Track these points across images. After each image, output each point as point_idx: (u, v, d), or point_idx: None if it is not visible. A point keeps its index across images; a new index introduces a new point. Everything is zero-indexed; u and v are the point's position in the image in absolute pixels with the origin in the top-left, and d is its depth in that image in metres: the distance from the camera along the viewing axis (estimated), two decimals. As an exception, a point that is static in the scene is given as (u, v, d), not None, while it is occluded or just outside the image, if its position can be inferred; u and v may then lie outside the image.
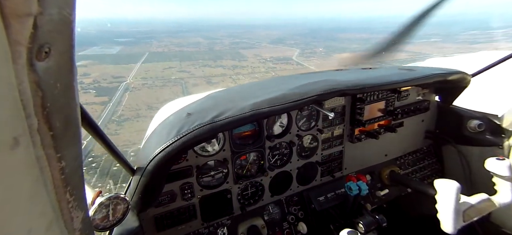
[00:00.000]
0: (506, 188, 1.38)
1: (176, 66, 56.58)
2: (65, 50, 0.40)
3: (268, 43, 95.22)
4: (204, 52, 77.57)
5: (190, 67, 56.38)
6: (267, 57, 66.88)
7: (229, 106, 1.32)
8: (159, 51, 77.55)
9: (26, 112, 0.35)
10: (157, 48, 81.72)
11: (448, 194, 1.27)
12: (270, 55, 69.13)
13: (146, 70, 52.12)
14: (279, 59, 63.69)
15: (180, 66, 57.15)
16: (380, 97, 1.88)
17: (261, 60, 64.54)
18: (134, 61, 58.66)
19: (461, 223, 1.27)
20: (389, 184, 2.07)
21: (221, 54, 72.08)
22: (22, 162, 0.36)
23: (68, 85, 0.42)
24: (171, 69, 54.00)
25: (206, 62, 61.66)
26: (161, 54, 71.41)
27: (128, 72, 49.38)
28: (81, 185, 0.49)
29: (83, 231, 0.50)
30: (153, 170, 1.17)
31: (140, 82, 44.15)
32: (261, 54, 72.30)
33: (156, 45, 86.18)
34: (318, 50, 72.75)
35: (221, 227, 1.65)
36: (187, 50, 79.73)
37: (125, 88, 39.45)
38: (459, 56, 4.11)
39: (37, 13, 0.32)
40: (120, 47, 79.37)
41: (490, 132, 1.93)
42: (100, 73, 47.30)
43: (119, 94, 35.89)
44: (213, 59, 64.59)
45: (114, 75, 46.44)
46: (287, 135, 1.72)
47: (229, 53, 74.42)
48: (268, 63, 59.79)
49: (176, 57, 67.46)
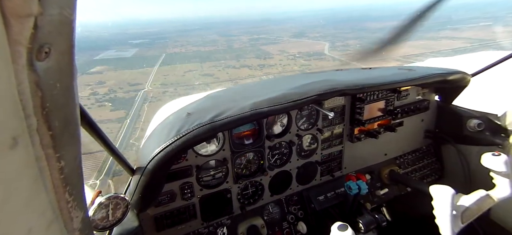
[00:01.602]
0: (504, 182, 1.37)
1: (197, 69, 50.96)
2: (65, 51, 0.39)
3: (289, 38, 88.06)
4: (223, 51, 71.17)
5: (212, 69, 50.56)
6: (295, 53, 59.82)
7: (229, 106, 1.32)
8: (176, 51, 72.27)
9: (25, 112, 0.35)
10: (173, 48, 76.36)
11: (444, 201, 1.25)
12: (298, 51, 62.09)
13: (165, 75, 46.84)
14: (309, 55, 56.72)
15: (201, 68, 51.50)
16: (380, 96, 1.87)
17: (289, 56, 57.59)
18: (150, 65, 53.71)
19: (459, 226, 1.26)
20: (388, 183, 2.07)
21: (243, 53, 65.52)
22: (21, 162, 0.36)
23: (68, 85, 0.42)
24: (192, 72, 48.47)
25: (229, 62, 55.48)
26: (178, 56, 66.01)
27: (145, 77, 44.35)
28: (81, 185, 0.49)
29: (83, 231, 0.50)
30: (153, 169, 1.17)
31: (159, 90, 38.77)
32: (286, 49, 65.18)
33: (172, 46, 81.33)
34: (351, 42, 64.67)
35: (221, 227, 1.65)
36: (205, 50, 74.16)
37: (144, 98, 34.14)
38: (459, 56, 4.17)
39: (38, 14, 0.32)
40: (135, 50, 74.86)
41: (489, 131, 1.92)
42: (116, 81, 42.60)
43: (137, 107, 30.51)
44: (236, 59, 58.32)
45: (130, 82, 41.48)
46: (287, 135, 1.71)
47: (251, 51, 67.55)
48: (299, 60, 52.96)
49: (195, 57, 61.78)
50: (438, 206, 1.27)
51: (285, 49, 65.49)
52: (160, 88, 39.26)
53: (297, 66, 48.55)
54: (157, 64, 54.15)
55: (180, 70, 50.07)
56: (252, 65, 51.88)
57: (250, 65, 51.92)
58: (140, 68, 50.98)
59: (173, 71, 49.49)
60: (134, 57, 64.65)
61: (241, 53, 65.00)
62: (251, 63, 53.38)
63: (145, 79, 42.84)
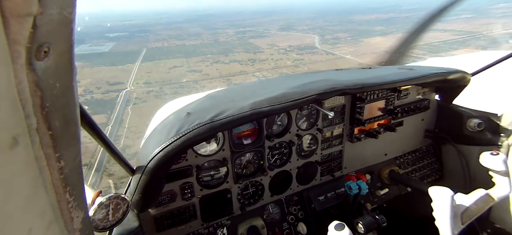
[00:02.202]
0: (503, 181, 1.37)
1: (183, 65, 47.37)
2: (65, 50, 0.39)
3: (277, 31, 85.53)
4: (209, 44, 67.71)
5: (200, 65, 47.24)
6: (285, 47, 57.70)
7: (228, 106, 1.32)
8: (158, 46, 67.26)
9: (25, 112, 0.35)
10: (155, 42, 71.19)
11: (443, 203, 1.25)
12: (288, 44, 60.03)
13: (148, 72, 42.85)
14: (301, 48, 54.88)
15: (187, 64, 48.02)
16: (380, 96, 1.86)
17: (280, 50, 55.36)
18: (131, 60, 49.13)
19: (460, 227, 1.26)
20: (388, 183, 2.07)
21: (230, 47, 62.42)
22: (21, 162, 0.36)
23: (68, 85, 0.42)
24: (178, 68, 45.00)
25: (216, 57, 52.36)
26: (161, 50, 61.43)
27: (127, 75, 40.29)
28: (81, 185, 0.49)
29: (83, 231, 0.50)
30: (153, 169, 1.17)
31: (143, 89, 35.20)
32: (276, 43, 62.87)
33: (154, 39, 75.58)
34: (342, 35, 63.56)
35: (221, 227, 1.64)
36: (189, 44, 69.61)
37: (126, 99, 30.64)
38: (459, 56, 4.25)
39: (37, 13, 0.32)
40: (112, 44, 68.82)
41: (489, 131, 1.91)
42: (93, 79, 38.29)
43: (119, 110, 27.12)
44: (223, 53, 55.22)
45: (109, 81, 37.47)
46: (287, 135, 1.70)
47: (238, 44, 64.56)
48: (291, 54, 51.11)
49: (180, 52, 57.71)
50: (437, 208, 1.26)
51: (275, 43, 62.97)
52: (144, 88, 35.62)
53: (290, 60, 46.46)
54: (138, 60, 49.76)
55: (164, 66, 46.26)
56: (242, 60, 49.21)
57: (240, 60, 49.07)
58: (119, 65, 46.48)
59: (156, 67, 45.59)
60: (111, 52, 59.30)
61: (229, 47, 61.67)
62: (241, 58, 50.51)
63: (126, 77, 38.80)
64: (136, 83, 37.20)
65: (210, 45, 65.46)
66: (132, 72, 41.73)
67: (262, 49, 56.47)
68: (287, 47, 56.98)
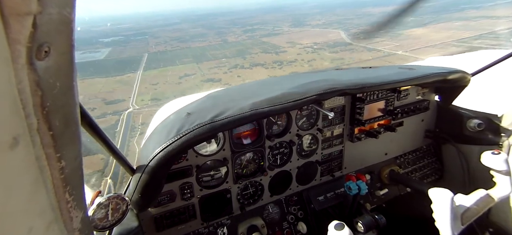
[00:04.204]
0: (503, 181, 1.36)
1: (195, 71, 39.04)
2: (65, 50, 0.39)
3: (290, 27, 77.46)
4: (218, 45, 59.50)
5: (216, 71, 38.81)
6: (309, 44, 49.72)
7: (229, 106, 1.32)
8: (161, 49, 59.25)
9: (25, 112, 0.35)
10: (156, 46, 63.13)
11: (443, 205, 1.24)
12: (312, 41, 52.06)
13: (154, 83, 34.37)
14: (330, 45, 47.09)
15: (200, 71, 39.65)
16: (380, 96, 1.87)
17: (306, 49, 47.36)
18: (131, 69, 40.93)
19: (460, 228, 1.25)
20: (388, 183, 2.07)
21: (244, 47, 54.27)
22: (22, 162, 0.36)
23: (68, 84, 0.42)
24: (190, 77, 36.57)
25: (232, 60, 44.16)
26: (165, 55, 53.02)
27: (128, 89, 32.00)
28: (81, 185, 0.49)
29: (83, 231, 0.50)
30: (153, 169, 1.17)
31: (151, 109, 26.85)
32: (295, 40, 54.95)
33: (154, 43, 67.52)
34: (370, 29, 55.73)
35: (221, 227, 1.65)
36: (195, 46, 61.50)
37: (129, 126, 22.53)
38: (459, 56, 4.14)
39: (37, 12, 0.32)
40: (108, 50, 60.60)
41: (490, 131, 1.91)
42: (85, 95, 29.97)
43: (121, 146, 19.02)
44: (240, 56, 47.02)
45: (106, 98, 29.24)
46: (287, 135, 1.70)
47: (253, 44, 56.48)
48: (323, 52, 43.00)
49: (187, 56, 49.54)
50: (437, 210, 1.25)
51: (294, 40, 54.97)
52: (152, 107, 27.39)
53: (327, 61, 38.56)
54: (140, 69, 41.42)
55: (172, 75, 38.00)
56: (266, 62, 40.98)
57: (263, 63, 40.91)
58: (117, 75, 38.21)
59: (163, 77, 37.20)
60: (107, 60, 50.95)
61: (242, 48, 53.41)
62: (263, 61, 42.29)
63: (127, 92, 30.54)
64: (141, 100, 28.95)
65: (220, 47, 57.08)
66: (135, 85, 33.46)
67: (283, 49, 48.54)
68: (313, 45, 49.09)
